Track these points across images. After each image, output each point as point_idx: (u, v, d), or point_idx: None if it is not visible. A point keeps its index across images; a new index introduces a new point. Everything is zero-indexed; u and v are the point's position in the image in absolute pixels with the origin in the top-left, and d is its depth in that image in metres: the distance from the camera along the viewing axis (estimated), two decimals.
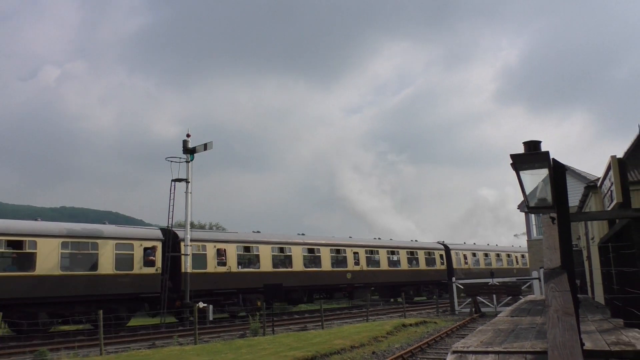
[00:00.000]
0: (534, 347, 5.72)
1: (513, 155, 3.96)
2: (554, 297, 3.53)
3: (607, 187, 6.95)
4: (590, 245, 15.09)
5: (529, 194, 4.52)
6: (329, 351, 12.40)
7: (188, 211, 22.33)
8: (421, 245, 36.41)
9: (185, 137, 22.78)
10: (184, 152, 22.61)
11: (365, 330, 16.47)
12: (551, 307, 3.36)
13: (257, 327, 17.73)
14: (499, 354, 5.59)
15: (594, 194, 13.35)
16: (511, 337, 6.83)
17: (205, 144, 22.72)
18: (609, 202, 6.68)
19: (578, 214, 6.71)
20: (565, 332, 3.03)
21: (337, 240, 30.61)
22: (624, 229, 5.85)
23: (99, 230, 20.50)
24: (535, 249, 27.09)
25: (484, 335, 7.20)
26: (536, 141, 4.04)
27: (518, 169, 4.12)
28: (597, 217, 8.31)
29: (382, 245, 33.46)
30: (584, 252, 17.79)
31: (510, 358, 5.43)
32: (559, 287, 3.69)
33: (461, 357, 5.60)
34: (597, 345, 5.47)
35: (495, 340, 6.55)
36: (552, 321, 3.21)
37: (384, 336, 15.63)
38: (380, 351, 13.15)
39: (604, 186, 7.35)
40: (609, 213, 6.12)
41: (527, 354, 5.49)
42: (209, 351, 13.09)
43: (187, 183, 22.46)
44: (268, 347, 13.35)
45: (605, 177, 7.07)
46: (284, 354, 11.60)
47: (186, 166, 22.54)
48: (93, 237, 19.95)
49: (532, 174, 4.16)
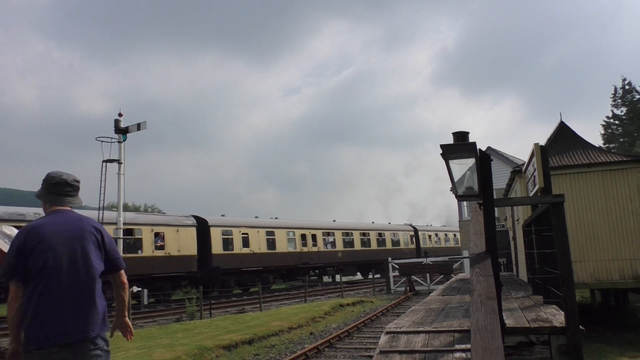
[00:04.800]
0: (461, 325, 6.01)
1: (443, 145, 4.10)
2: (478, 282, 3.71)
3: (530, 173, 7.32)
4: (515, 227, 15.96)
5: (457, 182, 4.70)
6: (266, 333, 12.45)
7: (121, 193, 21.49)
8: (397, 228, 42.56)
9: (117, 117, 21.79)
10: (115, 132, 21.63)
11: (303, 311, 16.66)
12: (475, 292, 3.53)
13: (193, 310, 17.52)
14: (429, 333, 5.84)
15: (519, 178, 14.08)
16: (441, 316, 7.13)
17: (139, 124, 21.81)
18: (532, 187, 7.04)
19: (503, 200, 7.05)
20: (487, 315, 3.19)
21: (328, 225, 35.68)
22: (545, 213, 6.21)
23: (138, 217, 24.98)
24: (466, 230, 28.34)
25: (416, 315, 7.47)
26: (464, 132, 4.19)
27: (447, 158, 4.27)
28: (520, 203, 8.77)
29: (372, 228, 39.36)
30: (510, 232, 18.78)
31: (439, 336, 5.67)
32: (483, 272, 3.87)
33: (394, 337, 5.80)
34: (519, 322, 5.81)
35: (427, 320, 6.82)
36: (475, 305, 3.37)
37: (322, 317, 15.88)
38: (317, 331, 13.37)
39: (528, 171, 7.73)
40: (531, 199, 6.47)
41: (455, 332, 5.77)
42: (143, 336, 12.81)
43: (119, 164, 21.57)
44: (205, 330, 13.24)
45: (529, 163, 7.43)
46: (221, 337, 11.54)
47: (118, 146, 21.62)
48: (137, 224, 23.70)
49: (460, 163, 4.33)
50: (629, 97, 47.58)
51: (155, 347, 10.90)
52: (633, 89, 47.44)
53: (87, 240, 3.20)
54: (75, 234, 3.19)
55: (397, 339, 5.61)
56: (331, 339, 11.50)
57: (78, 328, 3.02)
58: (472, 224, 5.52)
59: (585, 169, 14.02)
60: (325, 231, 34.14)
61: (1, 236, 4.30)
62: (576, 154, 14.92)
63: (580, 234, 13.68)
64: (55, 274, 3.04)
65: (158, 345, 11.19)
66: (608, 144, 45.66)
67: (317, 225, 34.09)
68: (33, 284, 3.02)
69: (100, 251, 3.26)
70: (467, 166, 4.47)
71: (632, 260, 13.37)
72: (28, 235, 3.09)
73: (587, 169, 14.01)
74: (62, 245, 3.11)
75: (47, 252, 3.05)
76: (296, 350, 10.69)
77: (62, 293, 3.03)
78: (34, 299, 2.99)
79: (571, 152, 15.08)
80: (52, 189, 3.35)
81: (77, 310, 3.05)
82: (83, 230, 3.23)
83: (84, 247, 3.17)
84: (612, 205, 13.67)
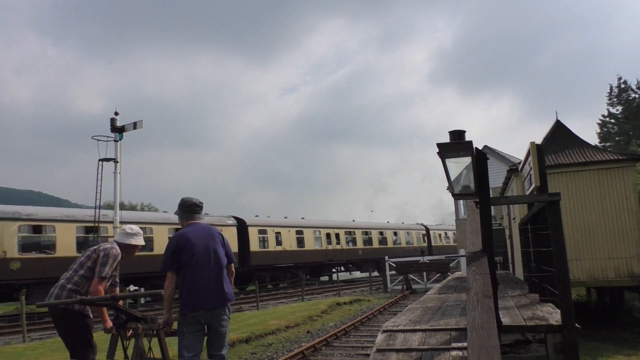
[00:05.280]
0: (458, 323, 6.02)
1: (439, 144, 4.11)
2: (475, 280, 3.72)
3: (527, 172, 7.34)
4: (512, 225, 16.00)
5: (454, 180, 4.71)
6: (263, 332, 12.45)
7: (117, 192, 21.46)
8: (410, 227, 45.58)
9: (114, 115, 21.74)
10: (112, 131, 21.57)
11: (300, 310, 16.66)
12: (472, 290, 3.54)
13: None
14: (426, 331, 5.85)
15: (516, 177, 14.12)
16: (438, 315, 7.15)
17: (135, 123, 21.77)
18: (529, 186, 7.06)
19: (499, 198, 7.06)
20: (484, 313, 3.20)
21: (349, 224, 38.70)
22: (541, 211, 6.23)
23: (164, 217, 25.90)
24: (462, 228, 28.36)
25: (412, 313, 7.49)
26: (461, 130, 4.19)
27: (444, 157, 4.28)
28: (516, 201, 8.80)
29: (388, 227, 42.38)
30: (506, 231, 18.82)
31: (436, 335, 5.68)
32: (479, 270, 3.89)
33: (391, 335, 5.81)
34: (515, 320, 5.83)
35: (423, 318, 6.84)
36: (472, 303, 3.38)
37: (319, 315, 15.89)
38: (314, 330, 13.37)
39: (524, 170, 7.76)
40: (527, 197, 6.49)
41: (452, 330, 5.78)
42: None
43: (115, 163, 21.52)
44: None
45: (525, 162, 7.46)
46: None
47: (114, 145, 21.56)
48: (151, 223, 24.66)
49: (456, 162, 4.34)
50: (624, 96, 47.73)
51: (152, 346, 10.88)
52: (629, 88, 47.60)
53: (216, 241, 4.68)
54: (208, 237, 4.64)
55: (394, 338, 5.62)
56: (328, 338, 11.51)
57: (215, 299, 4.48)
58: (469, 222, 5.53)
59: (581, 168, 14.06)
60: (347, 230, 37.35)
61: (124, 235, 5.21)
62: (572, 153, 14.96)
63: (576, 233, 13.73)
64: (198, 264, 4.47)
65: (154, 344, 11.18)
66: (604, 142, 45.82)
67: (340, 225, 37.16)
68: (184, 271, 4.45)
69: (223, 248, 4.71)
70: (464, 165, 4.48)
71: (628, 259, 13.42)
72: (179, 239, 4.55)
73: (583, 167, 14.04)
74: (200, 245, 4.54)
75: (191, 249, 4.49)
76: (293, 349, 10.69)
77: (203, 276, 4.46)
78: (187, 281, 4.43)
79: (567, 151, 15.12)
80: (187, 210, 4.80)
81: (213, 287, 4.50)
82: (212, 235, 4.70)
83: (214, 246, 4.63)
84: (608, 204, 13.72)
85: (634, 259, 13.38)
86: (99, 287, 4.68)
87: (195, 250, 4.48)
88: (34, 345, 12.42)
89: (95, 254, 4.88)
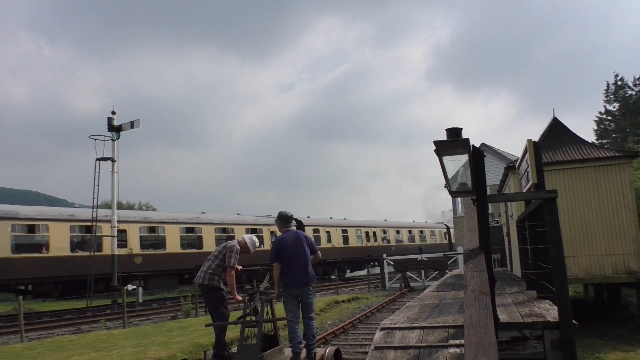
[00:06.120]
0: (455, 321, 6.03)
1: (436, 141, 4.11)
2: (472, 277, 3.73)
3: (524, 169, 7.36)
4: (509, 222, 16.03)
5: (451, 178, 4.71)
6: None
7: (114, 192, 21.44)
8: (434, 226, 50.40)
9: (110, 115, 21.70)
10: (109, 130, 21.55)
11: None
12: (469, 287, 3.55)
13: (188, 308, 17.50)
14: (423, 329, 5.85)
15: (513, 174, 14.13)
16: (436, 312, 7.16)
17: (132, 122, 21.74)
18: (526, 183, 7.07)
19: (496, 196, 7.09)
20: (481, 310, 3.21)
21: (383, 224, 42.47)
22: (538, 208, 6.24)
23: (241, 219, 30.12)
24: (460, 226, 28.42)
25: (410, 311, 7.50)
26: (458, 128, 4.19)
27: (441, 155, 4.28)
28: (513, 199, 8.81)
29: (415, 226, 46.53)
30: (504, 228, 18.85)
31: (434, 332, 5.69)
32: (477, 268, 3.89)
33: (389, 333, 5.81)
34: (512, 317, 5.85)
35: (421, 316, 6.85)
36: (469, 300, 3.39)
37: (317, 313, 15.89)
38: None
39: (521, 167, 7.77)
40: (524, 195, 6.50)
41: (450, 328, 5.79)
42: (138, 334, 12.79)
43: (113, 162, 21.49)
44: (200, 328, 13.22)
45: (523, 159, 7.47)
46: None
47: (112, 144, 21.53)
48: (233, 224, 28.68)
49: (453, 159, 4.34)
50: (621, 93, 47.80)
51: (151, 344, 10.88)
52: (625, 85, 47.68)
53: (302, 242, 6.83)
54: (297, 240, 6.81)
55: (392, 335, 5.63)
56: (326, 336, 11.52)
57: (302, 280, 6.64)
58: (466, 220, 5.54)
59: (578, 165, 14.09)
60: (381, 229, 41.29)
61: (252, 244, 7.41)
62: (569, 150, 15.00)
63: (573, 230, 13.76)
64: (292, 258, 6.67)
65: (153, 343, 11.17)
66: (601, 139, 45.90)
67: (376, 224, 41.25)
68: (283, 263, 6.69)
69: (308, 246, 6.85)
70: (461, 162, 4.48)
71: (625, 255, 13.47)
72: (279, 242, 6.79)
73: (580, 164, 14.08)
74: (292, 245, 6.72)
75: (287, 249, 6.69)
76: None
77: (295, 266, 6.64)
78: (285, 269, 6.68)
79: (564, 148, 15.15)
80: (284, 221, 7.06)
81: (301, 273, 6.65)
82: (300, 238, 6.86)
83: (302, 245, 6.79)
84: (605, 201, 13.76)
85: (631, 256, 13.43)
86: (231, 272, 6.92)
87: (289, 249, 6.67)
88: (31, 345, 12.40)
89: (224, 249, 7.03)
